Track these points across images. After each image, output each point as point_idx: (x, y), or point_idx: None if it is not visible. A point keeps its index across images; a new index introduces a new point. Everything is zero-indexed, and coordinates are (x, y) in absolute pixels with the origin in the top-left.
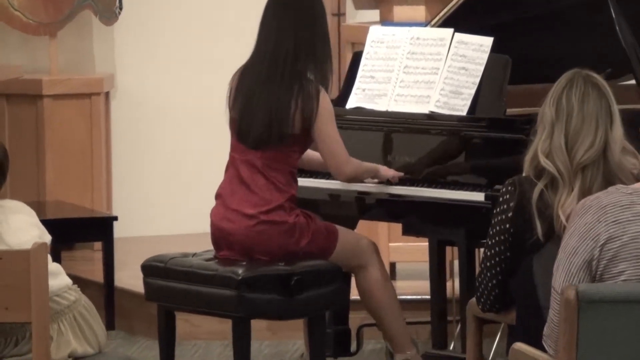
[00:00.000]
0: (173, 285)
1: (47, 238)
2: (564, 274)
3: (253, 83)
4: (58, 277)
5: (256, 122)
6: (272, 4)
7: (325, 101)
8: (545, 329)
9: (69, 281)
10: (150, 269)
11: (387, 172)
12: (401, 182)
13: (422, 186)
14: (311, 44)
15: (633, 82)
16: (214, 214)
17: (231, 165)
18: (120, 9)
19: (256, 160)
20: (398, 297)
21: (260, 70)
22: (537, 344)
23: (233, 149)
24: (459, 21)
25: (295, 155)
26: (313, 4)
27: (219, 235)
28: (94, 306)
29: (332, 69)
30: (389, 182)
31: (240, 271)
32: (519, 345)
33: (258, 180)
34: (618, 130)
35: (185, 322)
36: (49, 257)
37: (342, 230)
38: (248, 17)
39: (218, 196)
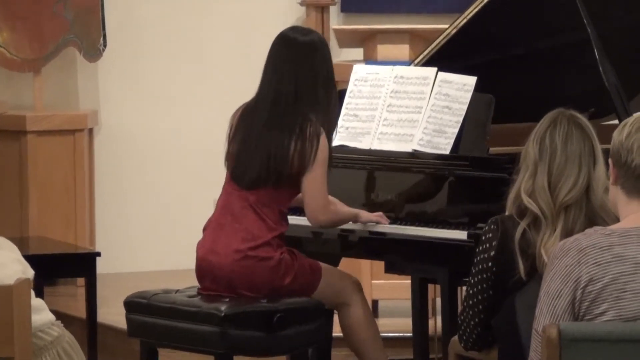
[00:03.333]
0: (156, 322)
1: (30, 273)
2: (549, 317)
3: (254, 123)
4: (41, 313)
5: (253, 164)
6: (277, 45)
7: (323, 145)
8: None
9: (52, 317)
10: (133, 305)
11: (369, 216)
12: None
13: (404, 224)
14: (313, 87)
15: (616, 121)
16: (200, 245)
17: (223, 198)
18: (105, 46)
19: (249, 197)
20: (380, 334)
21: (261, 111)
22: None
23: (227, 183)
24: (442, 60)
25: (289, 196)
26: (317, 46)
27: (204, 268)
28: (77, 342)
29: (336, 113)
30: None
31: (223, 307)
32: None
33: (249, 215)
34: (601, 170)
35: (168, 359)
36: (32, 293)
37: (325, 267)
38: (233, 55)
39: (206, 228)
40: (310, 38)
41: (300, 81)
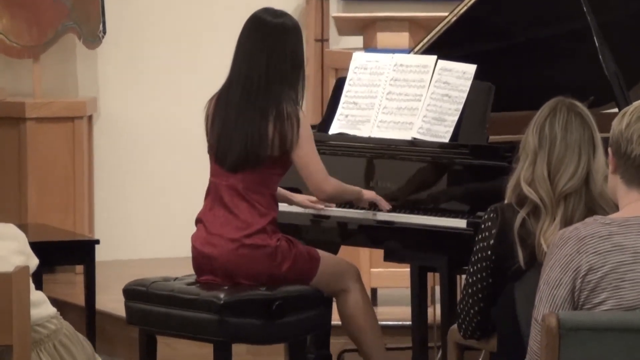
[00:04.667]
0: (154, 309)
1: (34, 263)
2: (549, 306)
3: (228, 108)
4: (41, 306)
5: (233, 145)
6: (246, 29)
7: (305, 121)
8: (526, 358)
9: (52, 310)
10: (132, 293)
11: (372, 195)
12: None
13: (403, 213)
14: (284, 69)
15: (616, 110)
16: (195, 238)
17: (212, 190)
18: (104, 33)
19: (237, 184)
20: (379, 322)
21: (234, 95)
22: None
23: (213, 174)
24: (442, 48)
25: (276, 178)
26: (286, 27)
27: (201, 261)
28: (77, 332)
29: (302, 93)
30: (375, 206)
31: (221, 295)
32: None
33: (239, 203)
34: (601, 159)
35: (167, 346)
36: (32, 286)
37: (324, 254)
38: (232, 42)
39: (198, 221)
40: (282, 20)
41: (270, 64)
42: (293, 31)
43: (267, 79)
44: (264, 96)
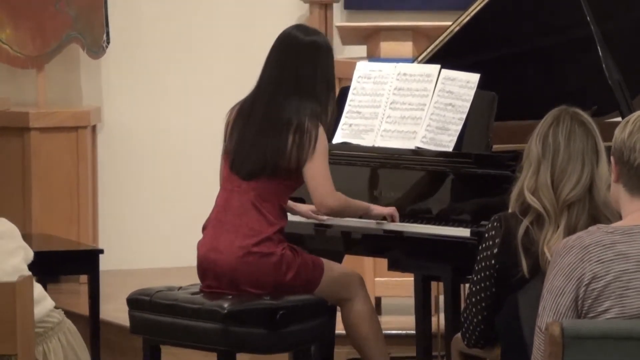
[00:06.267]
0: (158, 319)
1: (30, 254)
2: (552, 314)
3: (252, 117)
4: (40, 303)
5: (252, 153)
6: (279, 42)
7: (322, 136)
8: None
9: (51, 304)
10: (136, 302)
11: (382, 209)
12: (386, 218)
13: (407, 222)
14: (313, 86)
15: (619, 119)
16: (201, 244)
17: (222, 195)
18: (108, 42)
19: (249, 191)
20: (383, 331)
21: (259, 106)
22: None
23: (225, 179)
24: (446, 57)
25: (288, 190)
26: (320, 47)
27: (206, 266)
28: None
29: (332, 116)
30: (384, 218)
31: (225, 305)
32: None
33: (249, 211)
34: (604, 168)
35: (171, 356)
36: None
37: (328, 263)
38: (236, 51)
39: (206, 227)
40: (313, 38)
41: (300, 79)
42: (325, 50)
43: (295, 93)
44: (288, 109)
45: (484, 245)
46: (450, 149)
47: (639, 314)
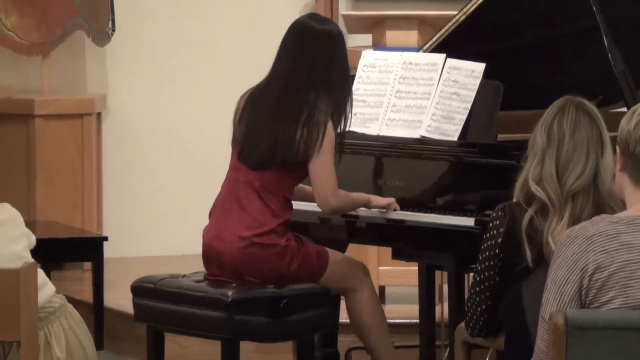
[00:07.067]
0: (162, 306)
1: (33, 239)
2: (556, 304)
3: (262, 106)
4: (42, 289)
5: (261, 143)
6: (293, 31)
7: (329, 132)
8: (533, 358)
9: (53, 288)
10: (140, 290)
11: (380, 201)
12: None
13: (412, 211)
14: (327, 75)
15: (624, 109)
16: (206, 231)
17: (228, 183)
18: (113, 30)
19: (255, 181)
20: (387, 320)
21: (270, 95)
22: None
23: (232, 168)
24: (451, 47)
25: (293, 182)
26: (334, 36)
27: (210, 255)
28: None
29: (349, 105)
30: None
31: (229, 293)
32: None
33: (254, 202)
34: (609, 158)
35: (174, 343)
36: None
37: (332, 253)
38: (243, 38)
39: (212, 214)
40: (328, 28)
41: (314, 68)
42: (339, 40)
43: (307, 83)
44: (299, 100)
45: (488, 234)
46: (455, 139)
47: None
